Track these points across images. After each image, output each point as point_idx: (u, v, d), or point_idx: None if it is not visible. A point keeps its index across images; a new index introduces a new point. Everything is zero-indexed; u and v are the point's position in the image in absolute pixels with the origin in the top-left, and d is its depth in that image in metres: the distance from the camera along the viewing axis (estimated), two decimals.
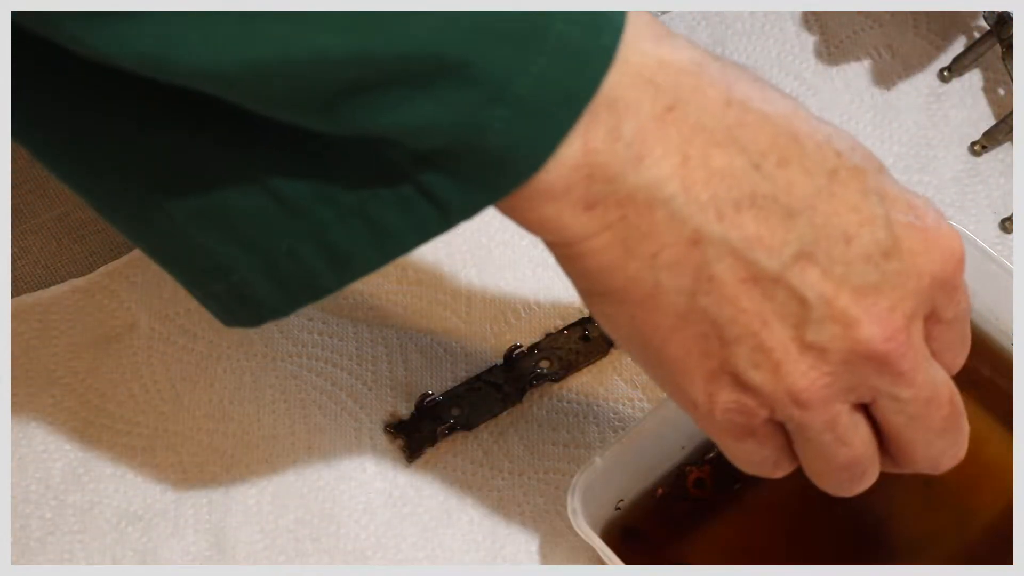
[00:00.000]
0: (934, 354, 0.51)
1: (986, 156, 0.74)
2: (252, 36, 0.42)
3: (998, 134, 0.74)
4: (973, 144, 0.75)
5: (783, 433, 0.52)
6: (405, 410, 0.68)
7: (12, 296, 0.70)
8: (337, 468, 0.67)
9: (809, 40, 0.77)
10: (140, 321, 0.69)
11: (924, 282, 0.49)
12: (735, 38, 0.77)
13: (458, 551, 0.65)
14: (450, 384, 0.68)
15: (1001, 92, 0.76)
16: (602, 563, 0.60)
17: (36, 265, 0.71)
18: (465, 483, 0.66)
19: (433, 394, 0.68)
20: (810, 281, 0.48)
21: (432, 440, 0.67)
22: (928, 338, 0.51)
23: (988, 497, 0.63)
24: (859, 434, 0.51)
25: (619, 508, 0.62)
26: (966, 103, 0.76)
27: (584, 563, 0.64)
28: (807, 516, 0.57)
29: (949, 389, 0.52)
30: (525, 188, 0.46)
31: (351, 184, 0.47)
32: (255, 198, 0.48)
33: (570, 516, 0.59)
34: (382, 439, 0.67)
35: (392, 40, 0.43)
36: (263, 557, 0.65)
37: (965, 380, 0.66)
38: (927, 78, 0.76)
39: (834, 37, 0.77)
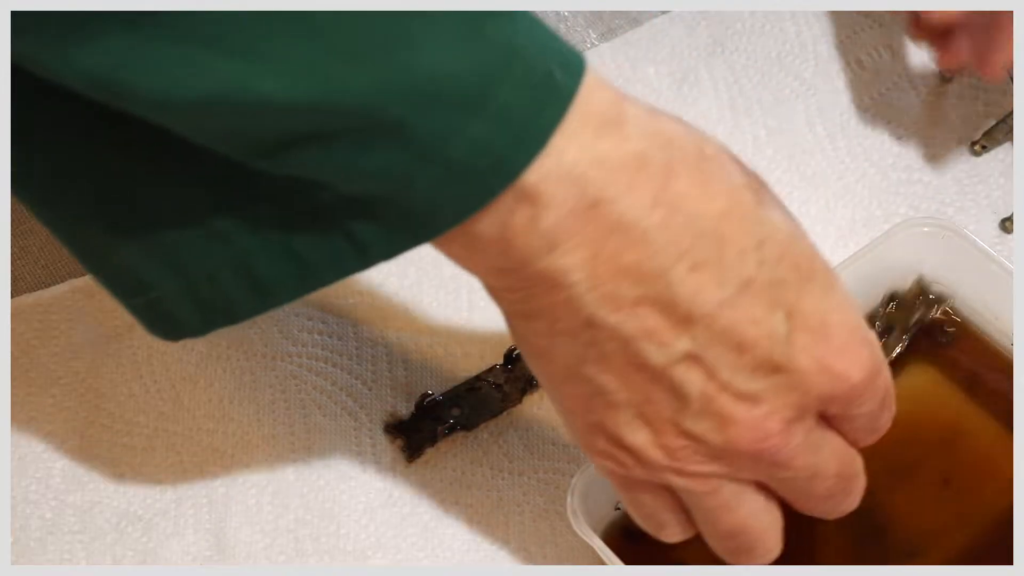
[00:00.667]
0: (843, 434, 0.53)
1: (986, 156, 0.74)
2: (201, 72, 0.42)
3: (998, 134, 0.74)
4: (973, 144, 0.75)
5: (671, 495, 0.53)
6: (405, 410, 0.68)
7: (12, 296, 0.70)
8: (337, 468, 0.67)
9: (809, 40, 0.77)
10: None
11: (809, 398, 0.50)
12: (735, 38, 0.77)
13: (458, 551, 0.65)
14: (450, 384, 0.68)
15: (1001, 92, 0.76)
16: (602, 563, 0.60)
17: (36, 265, 0.71)
18: (465, 483, 0.66)
19: (433, 394, 0.68)
20: (693, 379, 0.49)
21: (432, 440, 0.67)
22: (832, 424, 0.52)
23: (988, 497, 0.63)
24: (744, 503, 0.53)
25: (619, 508, 0.62)
26: (966, 103, 0.76)
27: (584, 563, 0.64)
28: (807, 517, 0.57)
29: (837, 463, 0.53)
30: (444, 235, 0.47)
31: (276, 216, 0.47)
32: (180, 221, 0.48)
33: (570, 516, 0.59)
34: (382, 439, 0.67)
35: (334, 93, 0.43)
36: (263, 557, 0.65)
37: (966, 380, 0.66)
38: (927, 78, 0.76)
39: (834, 37, 0.77)
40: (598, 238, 0.46)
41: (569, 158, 0.45)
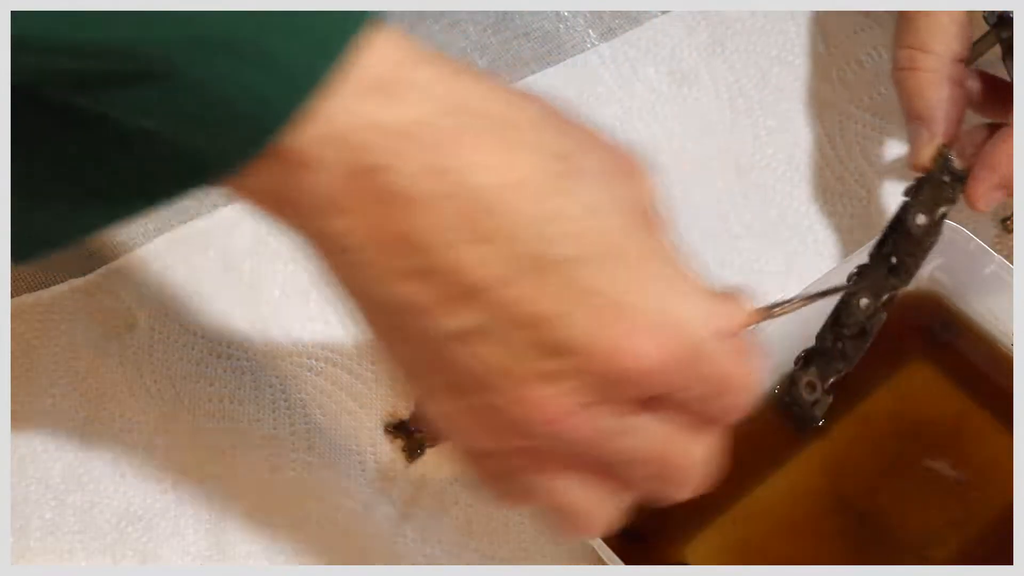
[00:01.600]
0: (677, 420, 0.48)
1: None
2: None
3: None
4: None
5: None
6: (405, 410, 0.68)
7: (12, 296, 0.70)
8: (337, 468, 0.67)
9: (809, 40, 0.77)
10: (140, 321, 0.69)
11: (606, 381, 0.46)
12: (735, 38, 0.77)
13: (458, 551, 0.65)
14: None
15: None
16: (602, 563, 0.60)
17: (36, 265, 0.71)
18: (465, 483, 0.66)
19: None
20: (477, 354, 0.46)
21: (432, 440, 0.67)
22: (662, 408, 0.48)
23: (987, 497, 0.63)
24: (557, 486, 0.49)
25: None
26: None
27: (584, 563, 0.64)
28: (807, 516, 0.57)
29: (661, 449, 0.48)
30: (231, 182, 0.45)
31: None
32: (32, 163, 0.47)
33: None
34: (382, 439, 0.67)
35: (85, 32, 0.42)
36: (263, 557, 0.65)
37: (965, 380, 0.66)
38: None
39: (834, 37, 0.77)
40: (372, 203, 0.44)
41: (341, 122, 0.44)
